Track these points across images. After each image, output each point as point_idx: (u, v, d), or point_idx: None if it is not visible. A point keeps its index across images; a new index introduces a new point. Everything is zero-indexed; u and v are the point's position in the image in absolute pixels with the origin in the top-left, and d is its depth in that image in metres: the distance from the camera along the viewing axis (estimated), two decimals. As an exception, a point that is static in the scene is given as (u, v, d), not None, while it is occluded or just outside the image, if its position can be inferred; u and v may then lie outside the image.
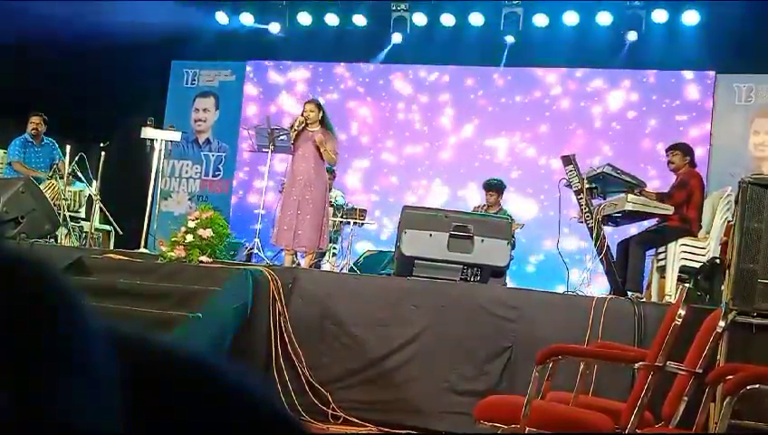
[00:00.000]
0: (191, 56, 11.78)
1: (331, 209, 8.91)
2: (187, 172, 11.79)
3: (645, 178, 7.31)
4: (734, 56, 9.67)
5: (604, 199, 6.85)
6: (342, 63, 11.42)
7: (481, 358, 5.59)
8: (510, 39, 10.48)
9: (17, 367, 0.50)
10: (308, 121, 7.39)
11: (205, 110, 11.91)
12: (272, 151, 8.16)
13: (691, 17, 9.90)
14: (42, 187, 7.90)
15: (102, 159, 8.23)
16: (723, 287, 4.88)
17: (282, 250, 7.64)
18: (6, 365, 0.49)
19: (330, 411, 5.61)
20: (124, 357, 0.56)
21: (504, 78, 10.89)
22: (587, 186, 6.76)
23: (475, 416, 3.63)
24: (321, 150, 7.29)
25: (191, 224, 6.41)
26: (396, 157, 11.09)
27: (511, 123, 10.76)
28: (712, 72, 10.02)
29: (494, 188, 8.86)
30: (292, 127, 7.46)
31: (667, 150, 6.99)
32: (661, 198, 6.72)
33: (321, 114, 7.45)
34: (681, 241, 6.40)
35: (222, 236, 6.50)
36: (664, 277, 6.53)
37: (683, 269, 6.33)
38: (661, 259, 6.59)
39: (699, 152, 8.23)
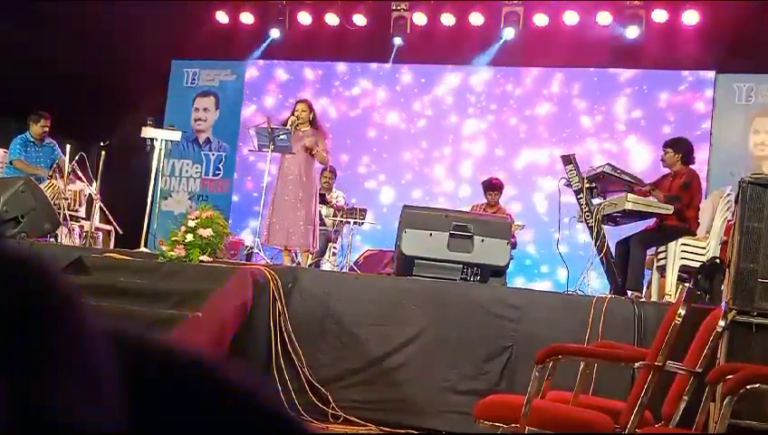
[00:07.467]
0: (191, 55, 11.78)
1: (331, 209, 8.92)
2: (187, 171, 11.79)
3: (644, 177, 7.30)
4: (734, 56, 9.66)
5: (604, 199, 6.86)
6: (342, 63, 11.42)
7: (481, 357, 5.59)
8: (509, 34, 10.44)
9: (17, 367, 0.50)
10: (299, 121, 7.42)
11: (205, 109, 11.90)
12: (272, 151, 8.17)
13: (691, 17, 9.90)
14: (42, 186, 7.89)
15: (102, 158, 8.23)
16: (723, 287, 4.88)
17: (281, 250, 7.65)
18: (6, 365, 0.49)
19: (330, 411, 5.61)
20: (124, 357, 0.56)
21: (504, 77, 10.88)
22: (587, 185, 6.76)
23: (475, 415, 3.63)
24: (313, 152, 7.34)
25: (191, 223, 6.40)
26: (394, 155, 11.08)
27: (510, 122, 10.75)
28: (712, 72, 10.01)
29: (495, 187, 8.85)
30: (284, 125, 7.50)
31: (663, 147, 7.05)
32: (654, 185, 6.78)
33: (311, 114, 7.48)
34: (681, 240, 6.41)
35: (222, 235, 6.50)
36: (664, 277, 6.53)
37: (683, 269, 6.34)
38: (661, 258, 6.60)
39: (699, 152, 8.21)
